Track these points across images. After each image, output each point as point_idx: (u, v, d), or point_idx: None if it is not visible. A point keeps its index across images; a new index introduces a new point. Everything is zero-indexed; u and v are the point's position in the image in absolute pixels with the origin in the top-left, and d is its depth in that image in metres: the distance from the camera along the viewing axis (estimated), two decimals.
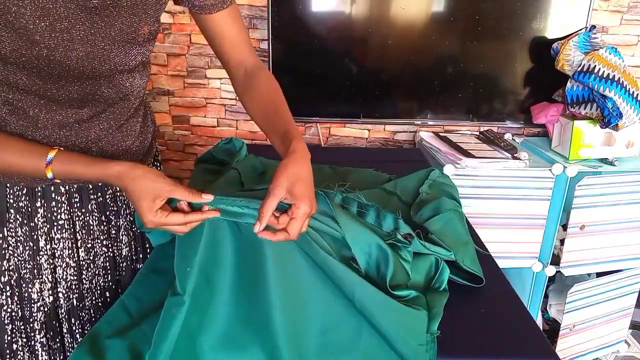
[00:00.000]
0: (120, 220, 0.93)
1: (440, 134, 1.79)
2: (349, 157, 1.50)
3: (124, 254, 0.94)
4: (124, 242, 0.94)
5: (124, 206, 0.93)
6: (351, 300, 0.71)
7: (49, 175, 0.72)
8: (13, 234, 0.81)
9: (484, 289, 0.84)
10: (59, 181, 0.80)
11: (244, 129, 1.86)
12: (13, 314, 0.83)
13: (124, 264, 0.95)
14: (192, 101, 1.84)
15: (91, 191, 0.88)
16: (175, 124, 1.87)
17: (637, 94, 1.57)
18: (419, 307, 0.72)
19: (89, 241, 0.89)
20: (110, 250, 0.92)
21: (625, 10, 1.78)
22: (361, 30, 1.71)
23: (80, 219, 0.87)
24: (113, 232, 0.92)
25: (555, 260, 1.67)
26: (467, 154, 1.56)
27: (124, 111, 0.84)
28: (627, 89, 1.55)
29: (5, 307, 0.82)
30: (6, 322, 0.83)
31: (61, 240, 0.85)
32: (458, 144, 1.65)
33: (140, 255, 0.99)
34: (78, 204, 0.86)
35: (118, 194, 0.92)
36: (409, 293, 0.75)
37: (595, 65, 1.55)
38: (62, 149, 0.74)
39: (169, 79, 1.80)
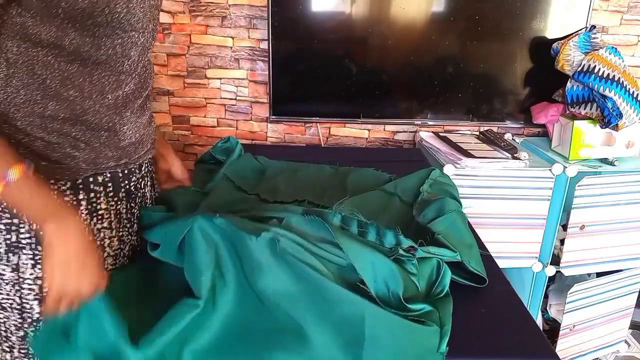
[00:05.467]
0: (136, 207, 0.94)
1: (440, 134, 1.79)
2: (349, 157, 1.50)
3: (136, 242, 0.96)
4: (135, 230, 0.96)
5: (140, 193, 0.95)
6: (360, 323, 0.71)
7: None
8: None
9: (484, 289, 0.84)
10: None
11: (243, 129, 1.86)
12: None
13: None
14: (192, 101, 1.84)
15: (120, 178, 0.88)
16: (175, 124, 1.87)
17: (637, 94, 1.57)
18: (432, 323, 0.72)
19: (120, 229, 0.90)
20: (133, 238, 0.94)
21: (625, 10, 1.78)
22: (361, 30, 1.71)
23: (114, 207, 0.88)
24: (135, 220, 0.94)
25: (555, 260, 1.67)
26: (467, 154, 1.56)
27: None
28: (627, 89, 1.55)
29: None
30: None
31: (101, 230, 0.86)
32: (458, 144, 1.65)
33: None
34: (111, 193, 0.87)
35: (141, 180, 0.94)
36: (423, 307, 0.74)
37: (595, 65, 1.55)
38: (29, 167, 0.70)
39: (169, 79, 1.80)
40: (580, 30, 1.68)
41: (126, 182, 0.90)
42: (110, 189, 0.87)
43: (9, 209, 0.77)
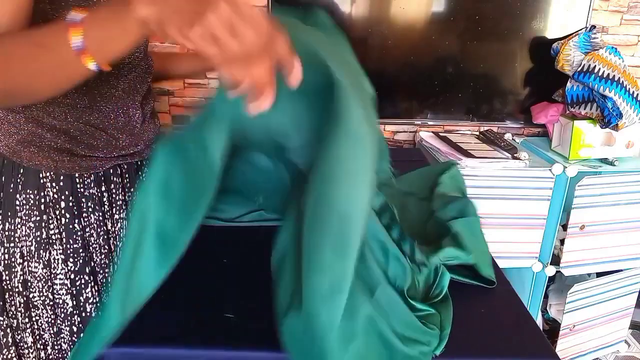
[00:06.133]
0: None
1: (440, 134, 1.79)
2: None
3: None
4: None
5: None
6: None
7: (76, 41, 0.52)
8: (87, 223, 0.84)
9: (483, 289, 0.84)
10: (92, 65, 0.54)
11: None
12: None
13: None
14: (192, 101, 1.83)
15: (135, 169, 0.91)
16: (176, 124, 1.87)
17: (637, 94, 1.57)
18: (433, 326, 0.71)
19: None
20: None
21: (625, 10, 1.78)
22: (361, 30, 1.71)
23: (128, 196, 0.90)
24: None
25: (555, 260, 1.67)
26: (467, 154, 1.56)
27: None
28: (627, 89, 1.55)
29: (91, 300, 0.85)
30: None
31: (119, 220, 0.88)
32: (458, 144, 1.65)
33: None
34: (128, 184, 0.89)
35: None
36: (427, 309, 0.74)
37: (595, 65, 1.55)
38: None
39: None
40: (580, 30, 1.69)
41: (139, 173, 0.92)
42: (127, 180, 0.89)
43: (38, 205, 0.79)
